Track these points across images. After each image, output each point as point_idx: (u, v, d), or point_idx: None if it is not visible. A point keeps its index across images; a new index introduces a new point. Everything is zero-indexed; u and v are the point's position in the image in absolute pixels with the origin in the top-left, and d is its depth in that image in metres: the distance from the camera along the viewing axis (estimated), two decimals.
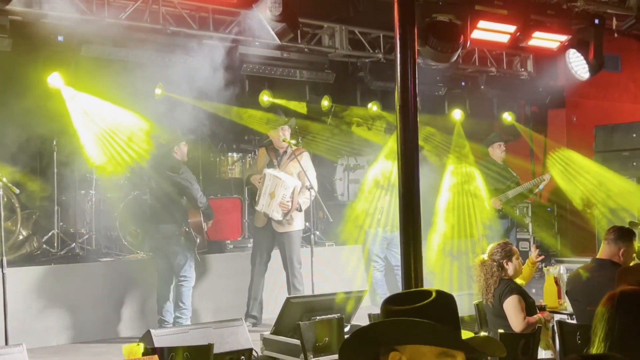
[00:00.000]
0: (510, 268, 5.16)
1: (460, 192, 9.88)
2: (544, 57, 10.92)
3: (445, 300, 1.89)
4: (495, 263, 5.13)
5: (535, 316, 5.06)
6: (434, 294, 1.88)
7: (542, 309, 5.35)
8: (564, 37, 9.28)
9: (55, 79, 7.25)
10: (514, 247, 5.33)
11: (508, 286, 5.07)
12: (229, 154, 9.92)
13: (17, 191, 7.23)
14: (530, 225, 11.13)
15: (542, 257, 6.04)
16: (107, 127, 7.58)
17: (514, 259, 5.19)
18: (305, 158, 7.96)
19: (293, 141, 8.01)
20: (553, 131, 12.44)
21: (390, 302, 1.91)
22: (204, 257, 8.51)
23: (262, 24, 7.27)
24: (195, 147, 9.96)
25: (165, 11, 8.01)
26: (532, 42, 9.16)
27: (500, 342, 2.03)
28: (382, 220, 8.97)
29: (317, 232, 9.59)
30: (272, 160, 7.95)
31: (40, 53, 7.52)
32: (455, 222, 9.78)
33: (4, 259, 6.09)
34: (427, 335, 1.80)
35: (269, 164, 7.93)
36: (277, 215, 7.71)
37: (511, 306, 4.99)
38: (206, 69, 8.53)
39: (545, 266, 6.82)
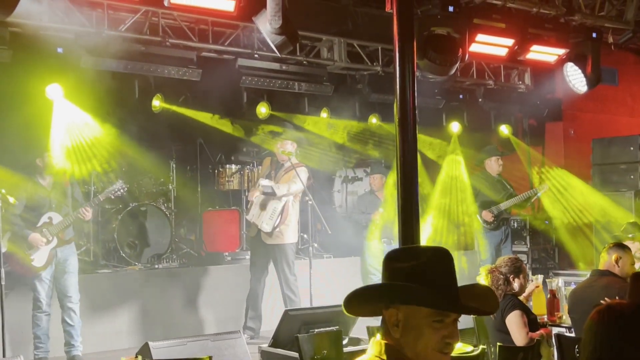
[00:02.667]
0: (516, 284, 5.13)
1: (452, 204, 9.87)
2: (541, 71, 10.95)
3: (439, 259, 2.07)
4: (502, 276, 5.09)
5: (537, 332, 5.04)
6: (429, 253, 2.08)
7: (544, 325, 5.35)
8: (561, 51, 9.31)
9: (53, 90, 7.25)
10: (524, 265, 5.31)
11: (511, 301, 5.04)
12: (227, 165, 9.93)
13: (15, 202, 7.22)
14: (527, 237, 11.13)
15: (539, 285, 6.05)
16: (89, 141, 7.50)
17: (521, 276, 5.16)
18: (303, 173, 7.98)
19: (293, 152, 8.05)
20: (550, 144, 12.47)
21: (392, 259, 2.11)
22: (201, 269, 8.51)
23: (262, 36, 7.29)
24: (194, 158, 9.97)
25: (165, 23, 8.03)
26: (530, 56, 9.19)
27: (496, 298, 2.23)
28: (380, 232, 8.97)
29: (315, 244, 9.58)
30: (271, 171, 8.09)
31: (40, 65, 7.51)
32: (445, 234, 9.77)
33: (2, 270, 6.08)
34: (416, 299, 2.01)
35: (267, 175, 8.07)
36: (266, 227, 7.77)
37: (514, 322, 4.97)
38: (205, 81, 8.56)
39: (533, 274, 6.80)
